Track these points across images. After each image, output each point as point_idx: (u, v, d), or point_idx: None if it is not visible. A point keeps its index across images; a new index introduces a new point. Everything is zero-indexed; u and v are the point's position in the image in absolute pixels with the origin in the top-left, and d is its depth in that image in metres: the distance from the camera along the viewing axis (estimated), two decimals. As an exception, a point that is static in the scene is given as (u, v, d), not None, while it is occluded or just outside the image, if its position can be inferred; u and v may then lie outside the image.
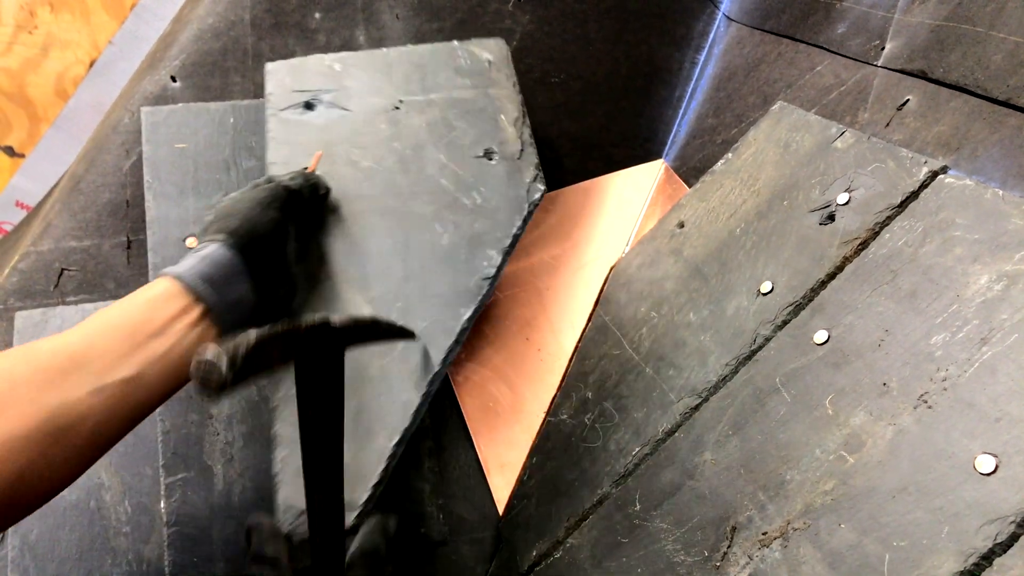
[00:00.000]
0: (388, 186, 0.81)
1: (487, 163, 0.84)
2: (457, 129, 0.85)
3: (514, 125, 0.87)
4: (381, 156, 0.83)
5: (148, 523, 0.75)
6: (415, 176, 0.82)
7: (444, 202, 0.81)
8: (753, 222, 0.78)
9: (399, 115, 0.86)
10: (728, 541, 0.61)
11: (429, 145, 0.84)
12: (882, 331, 0.61)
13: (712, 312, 0.76)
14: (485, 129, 0.86)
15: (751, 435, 0.65)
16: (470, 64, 0.89)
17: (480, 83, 0.88)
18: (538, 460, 0.82)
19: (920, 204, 0.65)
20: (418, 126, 0.85)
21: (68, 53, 1.50)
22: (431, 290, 0.76)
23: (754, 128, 0.86)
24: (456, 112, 0.86)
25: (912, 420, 0.55)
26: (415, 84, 0.87)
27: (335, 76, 0.88)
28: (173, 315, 0.57)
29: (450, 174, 0.82)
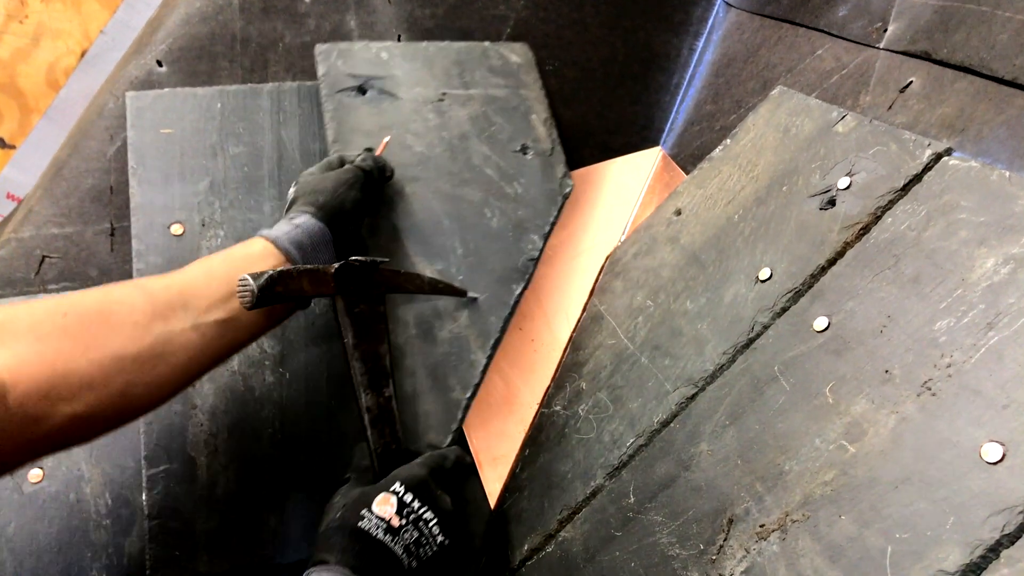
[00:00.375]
0: (441, 172, 0.89)
1: (524, 157, 0.92)
2: (496, 124, 0.92)
3: (544, 125, 0.95)
4: (432, 143, 0.90)
5: (129, 516, 0.73)
6: (463, 164, 0.90)
7: (491, 190, 0.89)
8: (751, 208, 0.76)
9: (443, 107, 0.93)
10: (724, 534, 0.59)
11: (472, 137, 0.91)
12: (884, 317, 0.59)
13: (709, 300, 0.74)
14: (520, 127, 0.94)
15: (748, 425, 0.63)
16: (501, 65, 0.97)
17: (512, 83, 0.96)
18: (531, 452, 0.80)
19: (923, 187, 0.63)
20: (461, 118, 0.92)
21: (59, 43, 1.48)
22: (486, 267, 0.85)
23: (753, 113, 0.84)
24: (493, 108, 0.94)
25: (915, 408, 0.53)
26: (455, 79, 0.94)
27: (383, 64, 0.93)
28: None
29: (493, 165, 0.90)
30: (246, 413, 0.76)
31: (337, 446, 0.77)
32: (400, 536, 0.61)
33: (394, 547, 0.61)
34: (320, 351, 0.80)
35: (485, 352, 0.82)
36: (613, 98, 1.00)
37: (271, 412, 0.77)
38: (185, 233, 0.81)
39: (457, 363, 0.80)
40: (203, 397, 0.76)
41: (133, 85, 0.88)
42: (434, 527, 0.63)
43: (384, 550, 0.60)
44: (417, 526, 0.63)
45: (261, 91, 0.90)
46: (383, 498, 0.62)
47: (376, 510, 0.62)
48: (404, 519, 0.62)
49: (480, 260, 0.85)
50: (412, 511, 0.63)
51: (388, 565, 0.60)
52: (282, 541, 0.73)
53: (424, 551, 0.63)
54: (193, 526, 0.72)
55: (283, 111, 0.90)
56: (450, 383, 0.80)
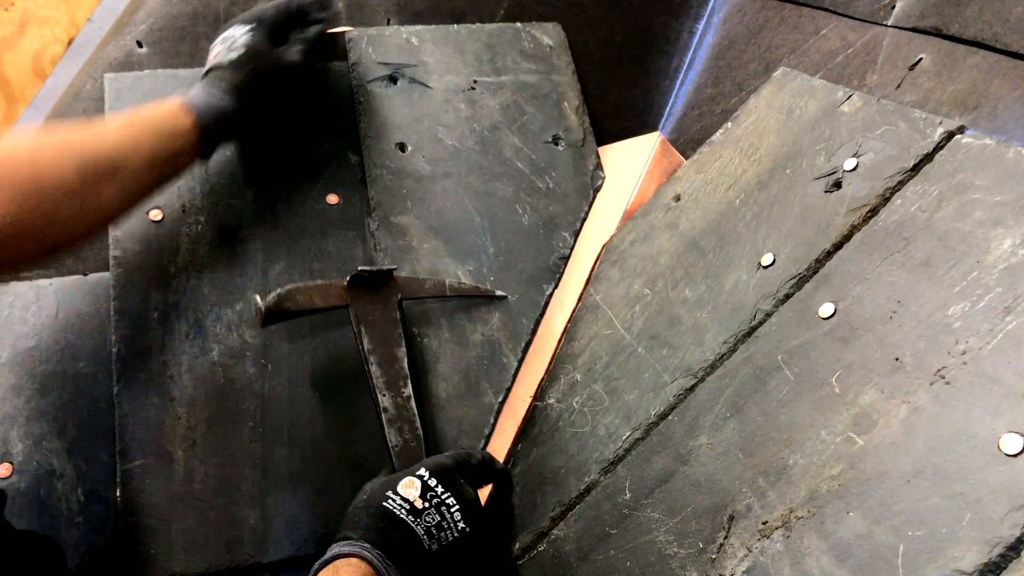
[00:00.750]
0: (472, 166, 0.87)
1: (555, 149, 0.90)
2: (527, 114, 0.91)
3: (576, 113, 0.93)
4: (462, 135, 0.88)
5: (102, 513, 0.70)
6: (494, 158, 0.88)
7: (522, 185, 0.87)
8: (753, 192, 0.73)
9: (475, 95, 0.91)
10: (725, 531, 0.56)
11: (504, 128, 0.90)
12: (894, 302, 0.56)
13: (709, 287, 0.70)
14: (551, 115, 0.92)
15: (751, 417, 0.60)
16: (533, 48, 0.94)
17: (543, 68, 0.94)
18: (523, 447, 0.77)
19: (935, 167, 0.60)
20: (492, 108, 0.90)
21: (46, 31, 1.45)
22: (517, 267, 0.84)
23: (755, 95, 0.81)
24: (525, 96, 0.92)
25: (928, 397, 0.50)
26: (486, 65, 0.92)
27: (413, 51, 0.91)
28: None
29: (524, 158, 0.88)
30: (226, 405, 0.73)
31: (321, 440, 0.74)
32: (422, 518, 0.63)
33: (416, 528, 0.62)
34: (304, 341, 0.77)
35: (517, 355, 0.80)
36: (611, 82, 0.97)
37: (252, 404, 0.74)
38: (164, 219, 0.78)
39: (489, 367, 0.79)
40: (181, 389, 0.73)
41: (112, 67, 0.85)
42: (456, 513, 0.65)
43: (407, 529, 0.62)
44: (439, 510, 0.64)
45: (245, 73, 0.87)
46: (408, 481, 0.64)
47: (401, 491, 0.64)
48: (427, 502, 0.64)
49: (511, 259, 0.84)
50: (435, 495, 0.64)
51: (410, 544, 0.61)
52: (263, 539, 0.70)
53: (445, 535, 0.64)
54: (169, 524, 0.69)
55: (267, 94, 0.86)
56: (482, 387, 0.79)
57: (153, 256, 0.77)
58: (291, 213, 0.81)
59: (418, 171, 0.86)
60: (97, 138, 0.64)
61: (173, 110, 0.69)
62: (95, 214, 0.63)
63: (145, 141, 0.66)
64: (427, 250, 0.82)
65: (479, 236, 0.84)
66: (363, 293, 0.73)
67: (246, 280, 0.78)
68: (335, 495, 0.72)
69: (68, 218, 0.60)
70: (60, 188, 0.59)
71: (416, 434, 0.71)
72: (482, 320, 0.81)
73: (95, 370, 0.74)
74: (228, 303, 0.77)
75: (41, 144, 0.61)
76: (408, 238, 0.82)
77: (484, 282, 0.82)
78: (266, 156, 0.82)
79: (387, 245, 0.81)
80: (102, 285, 0.77)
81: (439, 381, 0.78)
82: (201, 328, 0.75)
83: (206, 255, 0.78)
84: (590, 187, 0.90)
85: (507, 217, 0.86)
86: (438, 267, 0.81)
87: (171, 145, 0.68)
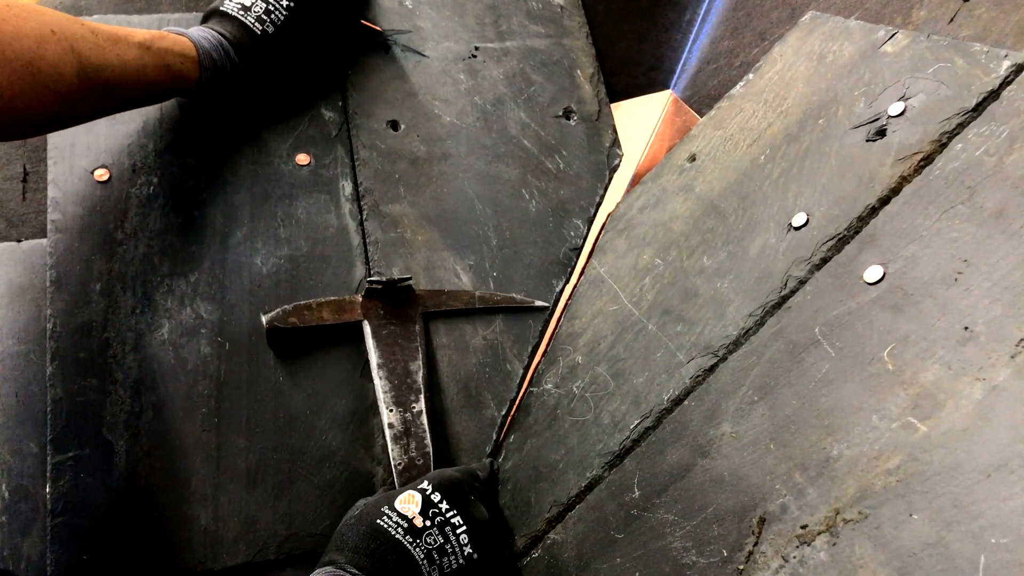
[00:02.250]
0: (473, 145, 0.78)
1: (567, 123, 0.81)
2: (535, 84, 0.82)
3: (590, 82, 0.83)
4: (463, 111, 0.79)
5: (30, 512, 0.61)
6: (498, 136, 0.79)
7: (529, 166, 0.78)
8: (781, 147, 0.64)
9: (476, 64, 0.82)
10: (755, 537, 0.47)
11: (509, 101, 0.81)
12: (959, 262, 0.46)
13: (731, 254, 0.61)
14: (563, 85, 0.82)
15: (783, 400, 0.50)
16: (541, 8, 0.85)
17: (554, 32, 0.85)
18: (515, 439, 0.67)
19: (1003, 105, 0.51)
20: (496, 78, 0.81)
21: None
22: (524, 260, 0.75)
23: (780, 43, 0.71)
24: (533, 64, 0.82)
25: (1009, 373, 0.41)
26: (489, 29, 0.83)
27: (408, 13, 0.83)
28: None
29: (532, 135, 0.79)
30: (176, 389, 0.64)
31: (285, 430, 0.64)
32: (422, 539, 0.54)
33: (414, 550, 0.53)
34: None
35: (522, 362, 0.71)
36: (617, 35, 0.87)
37: (207, 389, 0.64)
38: (111, 179, 0.69)
39: (492, 375, 0.70)
40: (125, 370, 0.63)
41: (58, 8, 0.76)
42: (462, 535, 0.55)
43: (402, 552, 0.53)
44: (443, 531, 0.55)
45: (208, 21, 0.78)
46: (407, 495, 0.56)
47: (399, 507, 0.55)
48: (429, 520, 0.55)
49: (517, 252, 0.75)
50: (439, 512, 0.56)
51: (405, 570, 0.52)
52: (215, 543, 0.61)
53: (448, 561, 0.54)
54: (105, 524, 0.59)
55: (233, 44, 0.77)
56: (484, 399, 0.70)
57: (97, 220, 0.67)
58: (255, 174, 0.72)
59: (412, 152, 0.77)
60: (104, 48, 0.58)
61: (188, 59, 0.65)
62: (69, 115, 0.59)
63: (151, 74, 0.62)
64: (422, 242, 0.73)
65: (481, 226, 0.75)
66: (377, 307, 0.68)
67: (203, 248, 0.68)
68: (299, 493, 0.63)
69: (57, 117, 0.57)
70: (56, 82, 0.54)
71: (424, 452, 0.64)
72: (484, 322, 0.72)
73: (26, 349, 0.65)
74: (182, 274, 0.67)
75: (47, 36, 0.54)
76: (401, 229, 0.73)
77: (487, 278, 0.73)
78: (228, 107, 0.73)
79: (377, 238, 0.72)
80: (37, 253, 0.68)
81: (436, 392, 0.69)
82: (150, 302, 0.66)
83: (158, 220, 0.69)
84: (606, 167, 0.80)
85: (512, 203, 0.76)
86: (434, 261, 0.73)
87: (168, 88, 0.65)
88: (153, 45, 0.62)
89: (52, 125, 0.59)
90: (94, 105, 0.60)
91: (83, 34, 0.57)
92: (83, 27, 0.57)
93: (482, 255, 0.74)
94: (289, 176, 0.72)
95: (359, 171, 0.74)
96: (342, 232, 0.72)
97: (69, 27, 0.56)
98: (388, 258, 0.72)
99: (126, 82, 0.60)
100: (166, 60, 0.63)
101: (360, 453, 0.65)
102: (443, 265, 0.73)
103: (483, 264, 0.73)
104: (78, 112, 0.59)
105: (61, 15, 0.56)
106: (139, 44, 0.61)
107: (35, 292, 0.67)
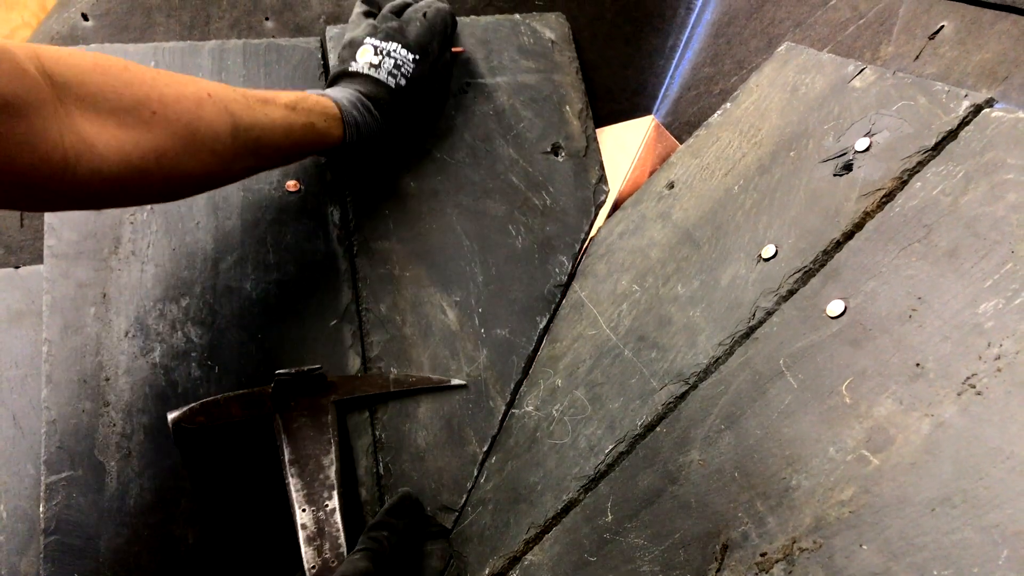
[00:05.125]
0: (462, 182, 0.79)
1: (554, 160, 0.82)
2: (524, 120, 0.82)
3: (579, 118, 0.84)
4: (453, 147, 0.80)
5: (27, 532, 0.63)
6: (486, 172, 0.80)
7: (516, 202, 0.79)
8: (754, 178, 0.66)
9: (467, 100, 0.82)
10: (718, 563, 0.49)
11: (498, 137, 0.81)
12: (914, 299, 0.48)
13: (703, 283, 0.63)
14: (551, 121, 0.83)
15: (748, 430, 0.52)
16: (533, 43, 0.86)
17: (544, 67, 0.85)
18: (496, 460, 0.69)
19: (960, 145, 0.53)
20: (486, 114, 0.82)
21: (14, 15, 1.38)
22: (508, 296, 0.75)
23: (756, 73, 0.73)
24: (522, 100, 0.83)
25: (956, 410, 0.43)
26: (480, 64, 0.84)
27: None
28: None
29: (520, 171, 0.80)
30: (167, 412, 0.66)
31: (274, 453, 0.66)
32: None
33: None
34: (258, 342, 0.69)
35: (504, 399, 0.72)
36: (601, 61, 0.89)
37: (197, 411, 0.66)
38: (106, 206, 0.71)
39: (474, 411, 0.71)
40: (117, 393, 0.66)
41: (55, 41, 0.78)
42: None
43: None
44: None
45: (201, 49, 0.80)
46: None
47: None
48: None
49: (502, 288, 0.75)
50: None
51: None
52: (202, 562, 0.63)
53: None
54: (97, 543, 0.61)
55: (226, 71, 0.79)
56: (465, 434, 0.70)
57: (92, 246, 0.70)
58: (245, 200, 0.74)
59: (402, 189, 0.78)
60: (255, 109, 0.61)
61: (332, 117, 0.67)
62: (224, 174, 0.61)
63: (298, 132, 0.64)
64: (410, 278, 0.74)
65: (468, 262, 0.76)
66: (289, 399, 0.66)
67: (194, 273, 0.70)
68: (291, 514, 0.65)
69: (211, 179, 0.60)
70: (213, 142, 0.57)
71: (339, 553, 0.62)
72: (468, 358, 0.73)
73: (23, 373, 0.67)
74: (173, 299, 0.69)
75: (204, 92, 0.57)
76: (390, 266, 0.75)
77: (472, 314, 0.74)
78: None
79: (366, 274, 0.74)
80: (35, 279, 0.70)
81: (419, 429, 0.70)
82: (142, 326, 0.68)
83: (150, 245, 0.71)
84: (592, 203, 0.81)
85: (499, 239, 0.77)
86: (421, 298, 0.74)
87: (314, 146, 0.67)
88: (298, 105, 0.64)
89: (209, 184, 0.62)
90: (246, 163, 0.62)
91: (235, 96, 0.59)
92: (235, 91, 0.60)
93: (468, 291, 0.75)
94: (279, 202, 0.74)
95: (348, 205, 0.76)
96: (329, 258, 0.74)
97: (222, 91, 0.59)
98: (376, 295, 0.73)
99: (275, 140, 0.63)
100: (311, 119, 0.65)
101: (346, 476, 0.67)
102: (430, 301, 0.74)
103: (469, 300, 0.74)
104: (232, 170, 0.62)
105: (213, 82, 0.59)
106: (285, 105, 0.63)
107: (32, 317, 0.69)
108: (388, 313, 0.73)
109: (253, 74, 0.79)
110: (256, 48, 0.80)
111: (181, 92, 0.55)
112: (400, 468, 0.68)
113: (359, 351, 0.71)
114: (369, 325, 0.72)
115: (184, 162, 0.55)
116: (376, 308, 0.73)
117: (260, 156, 0.63)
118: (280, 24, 0.84)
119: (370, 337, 0.72)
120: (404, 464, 0.69)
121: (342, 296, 0.73)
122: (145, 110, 0.53)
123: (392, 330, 0.73)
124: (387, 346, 0.72)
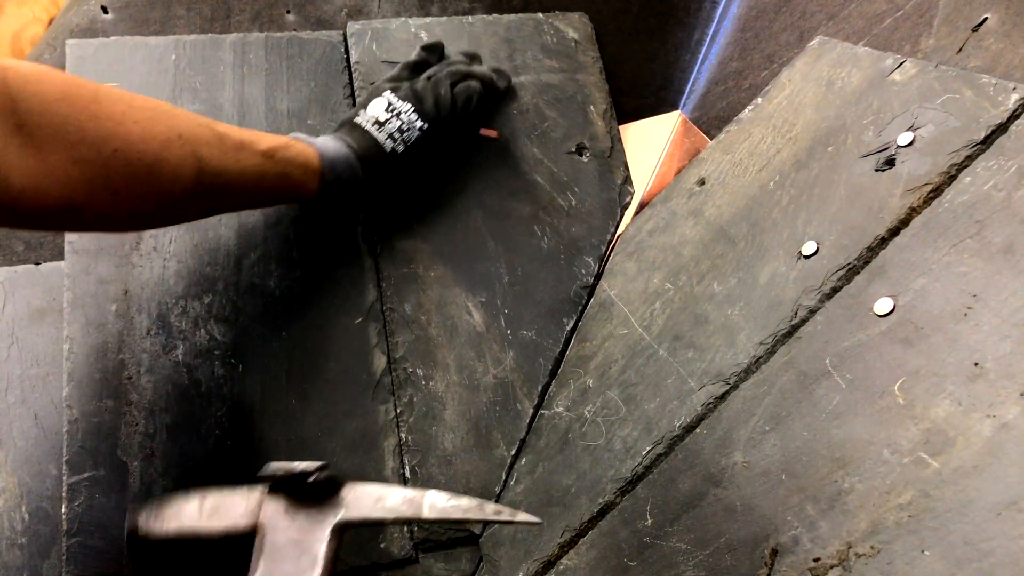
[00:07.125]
0: (487, 182, 0.78)
1: (579, 160, 0.81)
2: (548, 120, 0.82)
3: (603, 118, 0.83)
4: (477, 144, 0.79)
5: (49, 533, 0.62)
6: (511, 172, 0.79)
7: (541, 202, 0.78)
8: (790, 174, 0.64)
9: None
10: (767, 568, 0.47)
11: (522, 136, 0.81)
12: (968, 296, 0.47)
13: (741, 281, 0.62)
14: (575, 121, 0.82)
15: (795, 431, 0.51)
16: (556, 42, 0.85)
17: (568, 66, 0.85)
18: (527, 462, 0.68)
19: (1011, 138, 0.51)
20: (510, 113, 0.81)
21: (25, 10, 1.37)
22: (534, 297, 0.75)
23: (788, 68, 0.72)
24: (546, 100, 0.83)
25: (1019, 411, 0.41)
26: (504, 63, 0.83)
27: None
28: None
29: (545, 171, 0.80)
30: (190, 411, 0.64)
31: (296, 451, 0.65)
32: None
33: None
34: (282, 340, 0.68)
35: (532, 401, 0.71)
36: (626, 55, 0.88)
37: (220, 410, 0.65)
38: (127, 201, 0.69)
39: (502, 414, 0.70)
40: (139, 391, 0.64)
41: (74, 34, 0.77)
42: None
43: None
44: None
45: (223, 42, 0.78)
46: None
47: None
48: None
49: (527, 290, 0.74)
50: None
51: None
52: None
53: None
54: (120, 544, 0.60)
55: (247, 65, 0.78)
56: (493, 437, 0.69)
57: (113, 242, 0.68)
58: (269, 196, 0.72)
59: (426, 187, 0.76)
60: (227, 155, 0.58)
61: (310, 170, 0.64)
62: (179, 217, 0.59)
63: (269, 182, 0.62)
64: (434, 278, 0.73)
65: (493, 263, 0.75)
66: (284, 507, 0.52)
67: (217, 270, 0.69)
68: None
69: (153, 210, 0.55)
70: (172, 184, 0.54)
71: None
72: (495, 359, 0.72)
73: (45, 371, 0.66)
74: (196, 296, 0.68)
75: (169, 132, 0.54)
76: (414, 265, 0.73)
77: (498, 315, 0.73)
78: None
79: (390, 273, 0.73)
80: (56, 275, 0.68)
81: (446, 432, 0.68)
82: (164, 323, 0.67)
83: (172, 242, 0.69)
84: (617, 204, 0.80)
85: (524, 240, 0.76)
86: (446, 298, 0.73)
87: (286, 196, 0.65)
88: (276, 154, 0.61)
89: (160, 222, 0.59)
90: (206, 205, 0.60)
91: (209, 139, 0.56)
92: (211, 131, 0.57)
93: (494, 292, 0.74)
94: (302, 198, 0.73)
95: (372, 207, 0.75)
96: (353, 255, 0.72)
97: (196, 132, 0.56)
98: (400, 294, 0.72)
99: (241, 188, 0.60)
100: (286, 170, 0.62)
101: (371, 476, 0.66)
102: (455, 302, 0.72)
103: (495, 301, 0.73)
104: (188, 212, 0.59)
105: (194, 118, 0.57)
106: (263, 152, 0.60)
107: (53, 315, 0.67)
108: (413, 313, 0.72)
109: (275, 68, 0.78)
110: (278, 41, 0.79)
111: (149, 131, 0.52)
112: (427, 471, 0.67)
113: (384, 350, 0.70)
114: (394, 324, 0.71)
115: (137, 202, 0.53)
116: (400, 308, 0.72)
117: (224, 201, 0.61)
118: (301, 17, 0.83)
119: (395, 337, 0.71)
120: (431, 467, 0.67)
121: (367, 294, 0.71)
122: (107, 147, 0.50)
123: (417, 330, 0.71)
124: (412, 346, 0.71)
